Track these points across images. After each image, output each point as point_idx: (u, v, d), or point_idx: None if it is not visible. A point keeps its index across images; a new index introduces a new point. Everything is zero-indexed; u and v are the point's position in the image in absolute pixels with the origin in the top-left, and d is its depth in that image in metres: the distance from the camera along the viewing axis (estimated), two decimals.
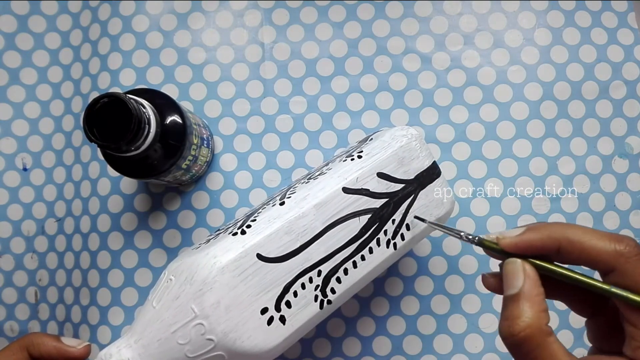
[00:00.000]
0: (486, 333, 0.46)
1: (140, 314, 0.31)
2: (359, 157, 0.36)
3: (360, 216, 0.34)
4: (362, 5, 0.50)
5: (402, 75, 0.49)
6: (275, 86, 0.49)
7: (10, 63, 0.52)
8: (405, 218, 0.36)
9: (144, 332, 0.30)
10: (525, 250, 0.26)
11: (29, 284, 0.50)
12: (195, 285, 0.30)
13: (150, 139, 0.36)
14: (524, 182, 0.47)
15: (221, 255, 0.30)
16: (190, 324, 0.29)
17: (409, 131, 0.37)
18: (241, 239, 0.31)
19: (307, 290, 0.32)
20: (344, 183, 0.34)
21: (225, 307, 0.30)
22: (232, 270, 0.30)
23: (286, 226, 0.32)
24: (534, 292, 0.25)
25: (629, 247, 0.24)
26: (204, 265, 0.30)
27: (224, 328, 0.30)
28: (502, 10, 0.49)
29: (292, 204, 0.33)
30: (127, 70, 0.49)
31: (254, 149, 0.49)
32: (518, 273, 0.26)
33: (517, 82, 0.48)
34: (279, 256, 0.32)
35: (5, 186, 0.51)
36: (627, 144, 0.48)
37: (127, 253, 0.47)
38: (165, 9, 0.50)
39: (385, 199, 0.35)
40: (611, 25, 0.49)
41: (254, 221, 0.33)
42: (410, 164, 0.36)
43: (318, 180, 0.35)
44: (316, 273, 0.33)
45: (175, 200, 0.48)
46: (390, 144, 0.36)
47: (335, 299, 0.34)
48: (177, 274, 0.31)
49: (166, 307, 0.30)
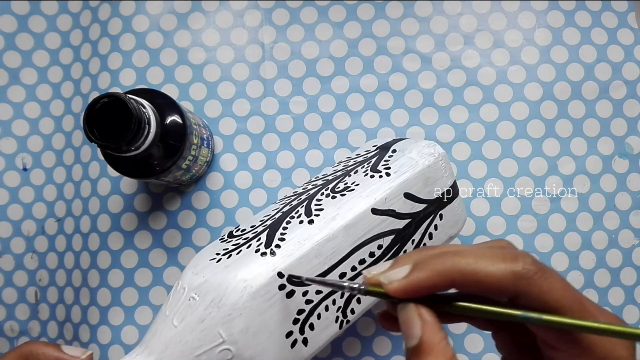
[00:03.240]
0: (486, 333, 0.46)
1: (158, 331, 0.29)
2: (387, 174, 0.35)
3: (385, 237, 0.34)
4: (362, 5, 0.50)
5: (402, 75, 0.49)
6: (275, 86, 0.49)
7: (10, 63, 0.52)
8: (423, 238, 0.36)
9: (164, 353, 0.28)
10: (416, 294, 0.23)
11: (29, 284, 0.50)
12: (224, 310, 0.28)
13: (150, 139, 0.36)
14: (524, 182, 0.47)
15: (251, 280, 0.29)
16: (217, 349, 0.28)
17: (436, 149, 0.37)
18: (272, 261, 0.30)
19: (329, 312, 0.32)
20: (373, 203, 0.33)
21: (254, 333, 0.29)
22: (263, 295, 0.29)
23: (316, 249, 0.31)
24: (435, 340, 0.22)
25: (526, 265, 0.22)
26: (233, 288, 0.29)
27: (251, 354, 0.29)
28: (502, 10, 0.49)
29: (322, 224, 0.32)
30: (127, 70, 0.49)
31: (254, 149, 0.49)
32: (413, 320, 0.23)
33: (517, 82, 0.48)
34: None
35: (5, 186, 0.51)
36: (627, 144, 0.48)
37: (127, 253, 0.47)
38: (165, 9, 0.50)
39: (409, 219, 0.35)
40: (611, 25, 0.49)
41: (283, 240, 0.32)
42: (435, 184, 0.36)
43: (346, 198, 0.34)
44: (340, 295, 0.32)
45: (175, 200, 0.48)
46: (417, 162, 0.36)
47: (353, 318, 0.33)
48: (202, 294, 0.29)
49: (190, 328, 0.28)
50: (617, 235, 0.47)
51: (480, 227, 0.47)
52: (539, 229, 0.47)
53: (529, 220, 0.47)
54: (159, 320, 0.30)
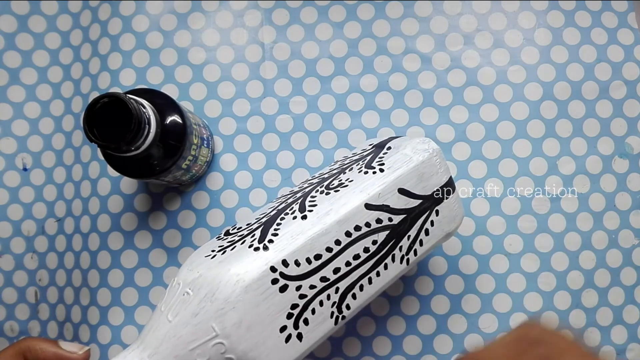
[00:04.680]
0: (486, 333, 0.46)
1: (153, 327, 0.30)
2: (381, 170, 0.35)
3: (379, 233, 0.34)
4: (362, 5, 0.50)
5: (402, 75, 0.49)
6: (275, 86, 0.49)
7: (10, 63, 0.52)
8: (419, 234, 0.36)
9: (159, 348, 0.29)
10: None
11: (29, 284, 0.50)
12: (217, 304, 0.29)
13: (150, 139, 0.36)
14: (524, 182, 0.47)
15: (244, 273, 0.30)
16: (210, 343, 0.29)
17: (430, 145, 0.37)
18: (264, 255, 0.31)
19: (324, 307, 0.32)
20: (367, 199, 0.34)
21: (247, 327, 0.29)
22: (255, 289, 0.29)
23: (309, 243, 0.32)
24: None
25: None
26: (226, 282, 0.29)
27: (244, 347, 0.29)
28: (502, 10, 0.49)
29: (315, 219, 0.33)
30: (127, 70, 0.49)
31: (254, 149, 0.49)
32: None
33: (517, 82, 0.48)
34: (300, 274, 0.31)
35: (5, 186, 0.51)
36: (627, 144, 0.48)
37: (127, 253, 0.47)
38: (165, 9, 0.50)
39: (404, 215, 0.35)
40: (611, 25, 0.49)
41: (276, 235, 0.32)
42: (430, 179, 0.36)
43: (340, 194, 0.34)
44: (334, 290, 0.32)
45: (175, 200, 0.48)
46: (412, 158, 0.36)
47: (349, 314, 0.34)
48: (195, 289, 0.29)
49: (184, 323, 0.29)
50: (617, 235, 0.47)
51: (480, 227, 0.47)
52: (539, 229, 0.47)
53: (529, 220, 0.47)
54: (154, 317, 0.30)
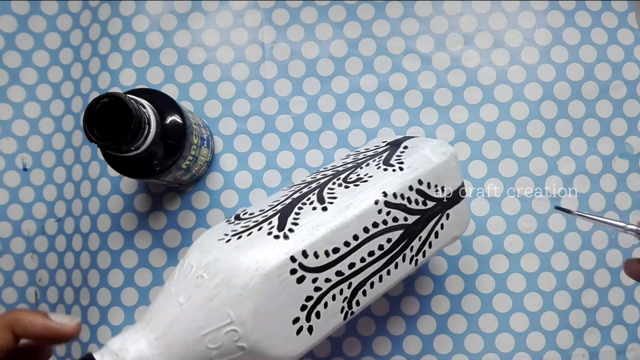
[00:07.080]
0: (486, 333, 0.46)
1: (161, 308, 0.28)
2: (400, 168, 0.35)
3: (395, 231, 0.34)
4: (362, 5, 0.50)
5: (402, 75, 0.49)
6: (275, 86, 0.49)
7: (10, 63, 0.52)
8: (429, 236, 0.36)
9: (168, 331, 0.28)
10: None
11: (29, 284, 0.50)
12: (234, 290, 0.28)
13: (150, 139, 0.36)
14: (524, 182, 0.47)
15: (264, 261, 0.29)
16: (224, 329, 0.28)
17: (449, 149, 0.37)
18: (285, 244, 0.30)
19: (336, 302, 0.32)
20: (386, 196, 0.34)
21: (263, 316, 0.28)
22: (274, 278, 0.29)
23: (329, 236, 0.31)
24: None
25: None
26: (245, 269, 0.28)
27: (258, 336, 0.28)
28: (502, 10, 0.49)
29: (336, 212, 0.32)
30: (127, 70, 0.49)
31: (254, 149, 0.49)
32: None
33: (517, 82, 0.48)
34: (318, 266, 0.31)
35: (5, 186, 0.51)
36: (627, 144, 0.48)
37: (127, 253, 0.47)
38: (165, 9, 0.50)
39: (418, 215, 0.35)
40: (611, 25, 0.49)
41: (296, 225, 0.31)
42: (445, 182, 0.36)
43: (360, 189, 0.34)
44: (347, 285, 0.32)
45: (175, 200, 0.48)
46: (430, 160, 0.36)
47: (357, 310, 0.34)
48: (211, 273, 0.28)
49: (197, 307, 0.28)
50: (617, 235, 0.47)
51: (480, 227, 0.47)
52: (539, 229, 0.47)
53: (529, 220, 0.47)
54: (162, 297, 0.29)
